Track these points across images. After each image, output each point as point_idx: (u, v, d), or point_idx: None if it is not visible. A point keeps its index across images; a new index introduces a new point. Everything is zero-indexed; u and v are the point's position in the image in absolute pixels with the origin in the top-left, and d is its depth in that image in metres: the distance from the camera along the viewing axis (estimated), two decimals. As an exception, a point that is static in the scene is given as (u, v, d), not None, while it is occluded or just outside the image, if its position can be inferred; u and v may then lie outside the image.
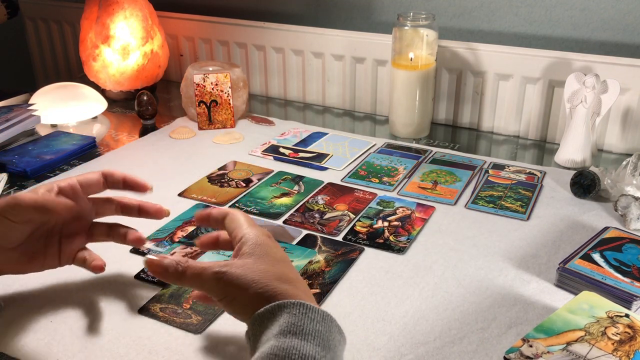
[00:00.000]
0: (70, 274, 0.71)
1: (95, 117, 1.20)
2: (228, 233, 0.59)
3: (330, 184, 0.94)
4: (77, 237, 0.67)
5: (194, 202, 0.88)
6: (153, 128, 1.16)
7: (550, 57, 1.06)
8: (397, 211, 0.86)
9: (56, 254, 0.65)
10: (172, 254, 0.75)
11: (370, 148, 1.07)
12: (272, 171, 0.98)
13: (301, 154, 1.04)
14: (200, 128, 1.15)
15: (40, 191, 0.62)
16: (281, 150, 1.05)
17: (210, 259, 0.73)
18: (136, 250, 0.76)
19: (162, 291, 0.68)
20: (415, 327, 0.63)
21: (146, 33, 1.25)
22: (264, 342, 0.47)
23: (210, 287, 0.53)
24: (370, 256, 0.75)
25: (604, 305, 0.62)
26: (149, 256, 0.54)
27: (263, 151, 1.05)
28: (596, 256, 0.71)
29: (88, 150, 1.06)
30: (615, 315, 0.60)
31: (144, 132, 1.15)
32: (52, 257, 0.65)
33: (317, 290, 0.68)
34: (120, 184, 0.67)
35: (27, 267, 0.65)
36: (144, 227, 0.81)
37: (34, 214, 0.60)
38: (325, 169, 0.99)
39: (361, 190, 0.92)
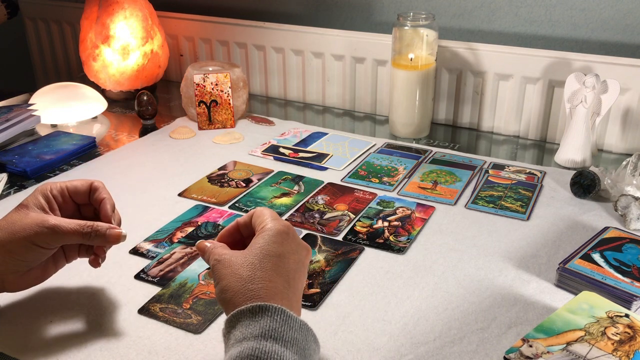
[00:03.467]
0: (70, 274, 0.71)
1: (95, 117, 1.20)
2: (255, 228, 0.58)
3: (330, 184, 0.94)
4: None
5: (194, 202, 0.88)
6: (153, 128, 1.16)
7: (550, 57, 1.06)
8: (397, 211, 0.86)
9: (62, 256, 0.66)
10: (172, 254, 0.75)
11: (370, 148, 1.07)
12: (272, 171, 0.98)
13: (301, 154, 1.04)
14: (200, 128, 1.15)
15: (43, 204, 0.62)
16: (281, 150, 1.05)
17: (210, 259, 0.73)
18: (136, 251, 0.76)
19: (162, 291, 0.68)
20: (415, 327, 0.63)
21: (146, 33, 1.25)
22: (240, 339, 0.47)
23: (211, 269, 0.55)
24: (370, 256, 0.75)
25: (604, 305, 0.62)
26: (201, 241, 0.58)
27: (263, 151, 1.05)
28: (596, 256, 0.71)
29: (88, 150, 1.06)
30: (615, 315, 0.60)
31: (144, 132, 1.15)
32: (60, 260, 0.66)
33: (317, 290, 0.68)
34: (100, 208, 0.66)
35: (43, 277, 0.66)
36: (144, 227, 0.81)
37: (72, 239, 0.61)
38: (325, 169, 0.99)
39: (361, 190, 0.92)
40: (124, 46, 1.23)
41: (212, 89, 1.13)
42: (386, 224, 0.82)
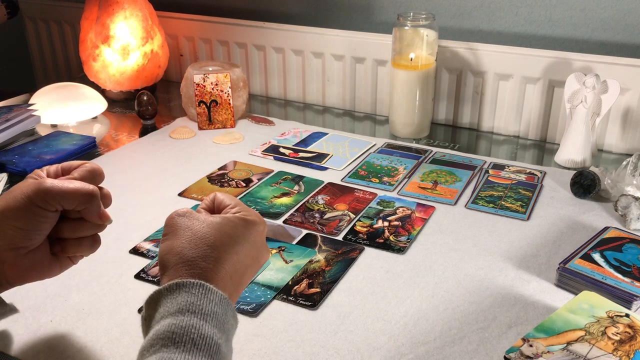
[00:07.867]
0: (70, 273, 0.71)
1: (95, 117, 1.20)
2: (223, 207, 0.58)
3: (330, 183, 0.94)
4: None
5: (194, 202, 0.88)
6: (153, 128, 1.16)
7: (550, 57, 1.06)
8: (397, 211, 0.86)
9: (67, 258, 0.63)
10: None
11: (370, 148, 1.07)
12: (272, 171, 0.98)
13: (301, 154, 1.04)
14: (200, 128, 1.15)
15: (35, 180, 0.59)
16: (281, 150, 1.05)
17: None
18: (136, 251, 0.76)
19: (162, 291, 0.68)
20: (416, 326, 0.63)
21: (146, 33, 1.25)
22: (158, 320, 0.45)
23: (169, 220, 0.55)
24: (370, 256, 0.75)
25: (604, 305, 0.62)
26: None
27: (263, 151, 1.05)
28: (596, 256, 0.71)
29: (88, 150, 1.06)
30: (615, 315, 0.60)
31: (144, 132, 1.15)
32: (65, 261, 0.63)
33: (317, 290, 0.68)
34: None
35: (46, 272, 0.61)
36: (144, 227, 0.81)
37: (63, 201, 0.56)
38: (325, 169, 0.99)
39: (361, 190, 0.92)
40: (124, 46, 1.23)
41: (212, 89, 1.13)
42: (386, 223, 0.82)
